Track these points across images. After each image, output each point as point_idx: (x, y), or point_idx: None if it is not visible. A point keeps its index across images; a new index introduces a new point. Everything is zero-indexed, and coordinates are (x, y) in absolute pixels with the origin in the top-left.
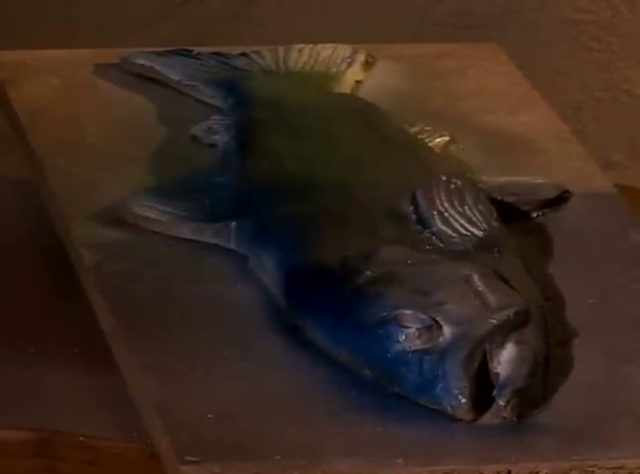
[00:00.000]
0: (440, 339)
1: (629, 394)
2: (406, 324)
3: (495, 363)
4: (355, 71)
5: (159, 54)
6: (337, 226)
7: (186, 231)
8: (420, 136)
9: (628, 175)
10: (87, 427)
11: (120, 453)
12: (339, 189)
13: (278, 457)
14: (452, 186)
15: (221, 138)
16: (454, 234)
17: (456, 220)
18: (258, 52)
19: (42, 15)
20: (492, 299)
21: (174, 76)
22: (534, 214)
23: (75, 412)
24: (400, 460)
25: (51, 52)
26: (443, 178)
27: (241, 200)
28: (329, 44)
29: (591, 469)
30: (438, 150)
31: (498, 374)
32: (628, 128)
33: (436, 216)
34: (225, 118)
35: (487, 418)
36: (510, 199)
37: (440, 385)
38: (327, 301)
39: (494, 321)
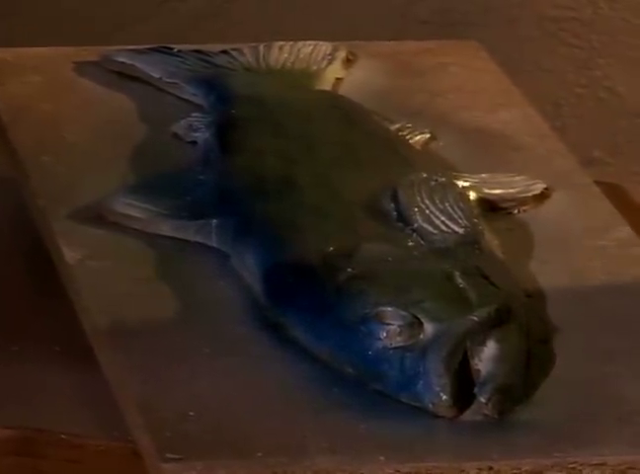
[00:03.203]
0: (422, 336)
1: (611, 391)
2: (387, 321)
3: (476, 360)
4: (335, 68)
5: (140, 52)
6: (318, 224)
7: (167, 229)
8: (400, 133)
9: (608, 172)
10: (69, 425)
11: (102, 451)
12: (320, 186)
13: (260, 455)
14: (433, 183)
15: (202, 136)
16: (435, 231)
17: (437, 217)
18: (238, 50)
19: (27, 13)
20: (473, 296)
21: (155, 74)
22: (515, 211)
23: (57, 410)
24: (382, 457)
25: (33, 50)
26: (424, 175)
27: (222, 198)
28: (309, 42)
29: (572, 466)
30: (418, 147)
31: (479, 371)
32: (608, 125)
33: (417, 213)
34: (206, 116)
35: (468, 415)
36: (490, 196)
37: (422, 382)
38: (308, 299)
39: (475, 318)
